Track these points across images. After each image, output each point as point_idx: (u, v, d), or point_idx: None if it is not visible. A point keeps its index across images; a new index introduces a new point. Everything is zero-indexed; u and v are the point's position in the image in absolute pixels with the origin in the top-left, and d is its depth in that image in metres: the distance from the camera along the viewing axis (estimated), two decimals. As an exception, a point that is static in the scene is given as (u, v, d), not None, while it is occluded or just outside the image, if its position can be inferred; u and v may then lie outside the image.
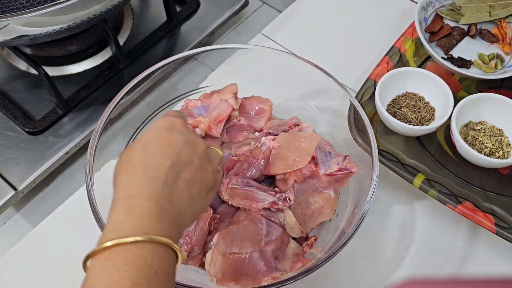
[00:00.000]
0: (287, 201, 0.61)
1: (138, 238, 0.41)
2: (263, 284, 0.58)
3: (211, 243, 0.59)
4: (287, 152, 0.63)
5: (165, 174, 0.45)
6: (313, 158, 0.63)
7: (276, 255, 0.59)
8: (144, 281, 0.40)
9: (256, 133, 0.70)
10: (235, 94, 0.70)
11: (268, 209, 0.61)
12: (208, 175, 0.50)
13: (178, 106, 0.72)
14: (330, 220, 0.65)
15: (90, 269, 0.42)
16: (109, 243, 0.42)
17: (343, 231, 0.61)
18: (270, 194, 0.61)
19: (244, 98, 0.71)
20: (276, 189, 0.63)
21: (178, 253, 0.44)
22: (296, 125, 0.68)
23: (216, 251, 0.58)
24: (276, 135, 0.66)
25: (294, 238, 0.62)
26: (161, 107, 0.73)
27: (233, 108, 0.68)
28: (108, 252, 0.42)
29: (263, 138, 0.66)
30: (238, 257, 0.58)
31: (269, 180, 0.66)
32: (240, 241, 0.59)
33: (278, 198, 0.61)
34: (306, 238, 0.64)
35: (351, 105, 0.69)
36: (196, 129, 0.66)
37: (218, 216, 0.62)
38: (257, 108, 0.71)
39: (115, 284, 0.40)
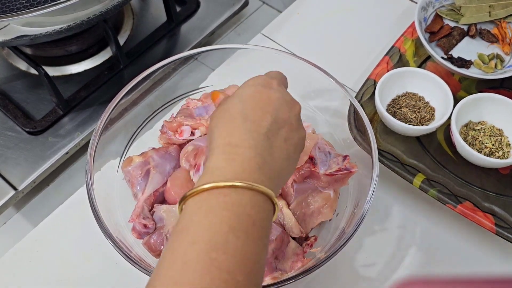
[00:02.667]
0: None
1: (238, 184, 0.40)
2: (263, 284, 0.57)
3: None
4: None
5: (266, 128, 0.45)
6: (311, 158, 0.63)
7: (276, 255, 0.59)
8: (241, 228, 0.39)
9: None
10: None
11: None
12: (302, 137, 0.50)
13: (178, 106, 0.72)
14: (330, 220, 0.65)
15: (185, 211, 0.41)
16: (207, 186, 0.40)
17: (343, 231, 0.61)
18: None
19: None
20: None
21: (276, 207, 0.43)
22: None
23: None
24: None
25: (294, 238, 0.62)
26: (161, 107, 0.73)
27: None
28: (206, 194, 0.40)
29: None
30: None
31: None
32: None
33: None
34: (306, 238, 0.64)
35: (351, 105, 0.69)
36: (196, 130, 0.66)
37: None
38: None
39: (212, 227, 0.38)
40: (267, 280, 0.58)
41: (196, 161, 0.62)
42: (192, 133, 0.66)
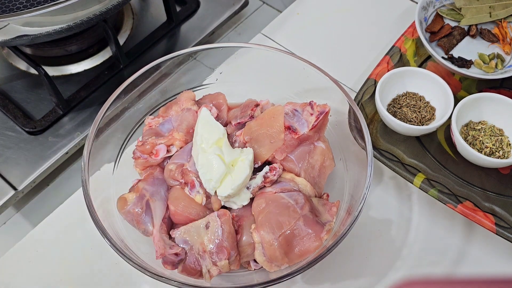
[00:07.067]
0: (275, 169, 0.63)
1: None
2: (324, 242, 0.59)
3: (252, 241, 0.59)
4: (261, 138, 0.64)
5: None
6: (288, 128, 0.64)
7: (315, 213, 0.61)
8: None
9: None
10: (194, 100, 0.70)
11: (279, 188, 0.62)
12: None
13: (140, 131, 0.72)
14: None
15: None
16: None
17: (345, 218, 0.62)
18: (258, 174, 0.63)
19: (196, 101, 0.71)
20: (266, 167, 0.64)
21: None
22: (256, 105, 0.69)
23: (267, 245, 0.58)
24: (245, 122, 0.67)
25: None
26: (157, 106, 0.73)
27: (218, 115, 0.68)
28: None
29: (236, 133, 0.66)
30: (288, 234, 0.58)
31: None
32: (279, 221, 0.59)
33: (266, 172, 0.62)
34: (321, 197, 0.66)
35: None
36: (172, 147, 0.65)
37: (235, 214, 0.62)
38: (214, 103, 0.71)
39: None
40: (325, 236, 0.59)
41: (185, 179, 0.62)
42: (168, 151, 0.65)
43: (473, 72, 0.78)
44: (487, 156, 0.68)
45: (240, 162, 0.61)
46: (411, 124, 0.72)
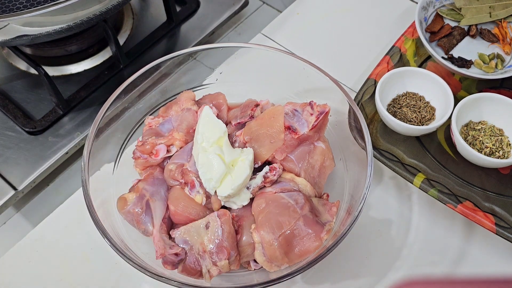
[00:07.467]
0: (275, 169, 0.63)
1: None
2: (324, 241, 0.59)
3: (252, 241, 0.59)
4: (261, 138, 0.64)
5: None
6: (288, 128, 0.64)
7: (315, 213, 0.61)
8: None
9: None
10: (194, 100, 0.70)
11: (279, 188, 0.62)
12: None
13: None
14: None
15: None
16: None
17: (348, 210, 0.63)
18: (258, 174, 0.63)
19: (196, 101, 0.71)
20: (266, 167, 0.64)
21: None
22: (256, 105, 0.69)
23: (267, 245, 0.58)
24: (245, 122, 0.67)
25: None
26: (157, 106, 0.73)
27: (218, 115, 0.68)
28: None
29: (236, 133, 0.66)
30: (288, 234, 0.58)
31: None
32: (279, 221, 0.59)
33: (266, 172, 0.62)
34: (320, 198, 0.65)
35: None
36: (172, 147, 0.65)
37: (235, 214, 0.62)
38: (214, 103, 0.71)
39: None
40: (325, 236, 0.59)
41: (185, 179, 0.62)
42: (168, 151, 0.65)
43: (473, 72, 0.78)
44: (487, 156, 0.68)
45: (240, 162, 0.61)
46: (411, 124, 0.72)
